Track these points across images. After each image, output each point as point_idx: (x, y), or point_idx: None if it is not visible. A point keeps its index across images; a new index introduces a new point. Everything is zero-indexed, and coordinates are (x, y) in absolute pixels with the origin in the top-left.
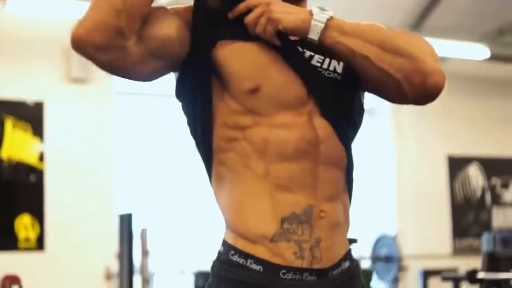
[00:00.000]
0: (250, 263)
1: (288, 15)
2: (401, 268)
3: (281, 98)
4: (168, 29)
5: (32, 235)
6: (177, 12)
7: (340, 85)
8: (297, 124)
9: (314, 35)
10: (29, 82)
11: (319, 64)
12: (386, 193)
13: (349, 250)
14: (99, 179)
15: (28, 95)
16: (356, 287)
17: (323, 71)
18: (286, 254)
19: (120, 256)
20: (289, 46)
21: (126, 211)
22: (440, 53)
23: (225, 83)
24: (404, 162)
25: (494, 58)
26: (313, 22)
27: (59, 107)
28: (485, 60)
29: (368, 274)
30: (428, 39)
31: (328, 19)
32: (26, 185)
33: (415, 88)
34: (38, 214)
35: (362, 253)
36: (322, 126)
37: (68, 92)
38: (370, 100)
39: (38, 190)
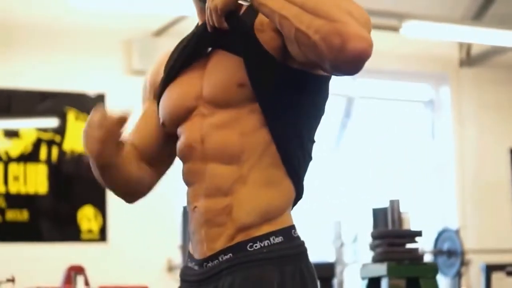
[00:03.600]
0: (188, 262)
1: None
2: (464, 263)
3: (176, 120)
4: (152, 125)
5: (95, 226)
6: (146, 93)
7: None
8: (185, 130)
9: (243, 1)
10: (91, 75)
11: None
12: (447, 186)
13: (239, 243)
14: None
15: (90, 87)
16: (242, 279)
17: None
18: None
19: (183, 248)
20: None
21: None
22: (503, 43)
23: None
24: (465, 154)
25: None
26: None
27: (120, 99)
28: None
29: (433, 269)
30: (490, 30)
31: None
32: (88, 176)
33: (332, 52)
34: (100, 206)
35: (424, 247)
36: (207, 125)
37: (129, 83)
38: (430, 92)
39: None
